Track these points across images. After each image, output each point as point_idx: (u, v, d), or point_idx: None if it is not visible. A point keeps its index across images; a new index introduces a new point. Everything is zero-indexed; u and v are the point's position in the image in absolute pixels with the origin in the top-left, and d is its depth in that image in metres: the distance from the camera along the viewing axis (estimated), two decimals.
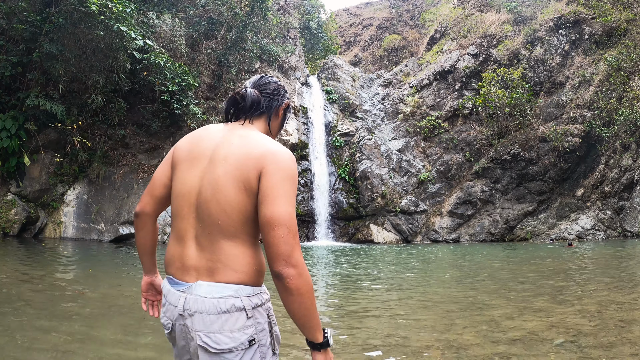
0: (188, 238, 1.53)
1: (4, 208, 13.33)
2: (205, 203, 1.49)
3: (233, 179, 1.47)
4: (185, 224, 1.54)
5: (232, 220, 1.47)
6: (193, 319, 1.46)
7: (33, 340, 3.84)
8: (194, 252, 1.51)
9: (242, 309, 1.45)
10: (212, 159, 1.53)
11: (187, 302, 1.48)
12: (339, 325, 4.83)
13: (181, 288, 1.52)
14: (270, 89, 1.72)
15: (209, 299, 1.45)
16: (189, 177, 1.56)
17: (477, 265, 11.50)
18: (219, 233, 1.48)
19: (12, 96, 13.87)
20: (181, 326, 1.51)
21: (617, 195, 19.73)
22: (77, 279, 7.56)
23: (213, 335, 1.43)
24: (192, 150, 1.60)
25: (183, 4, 19.30)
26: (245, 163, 1.47)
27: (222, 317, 1.43)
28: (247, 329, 1.45)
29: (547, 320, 4.89)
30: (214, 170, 1.50)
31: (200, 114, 16.93)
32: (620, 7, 22.20)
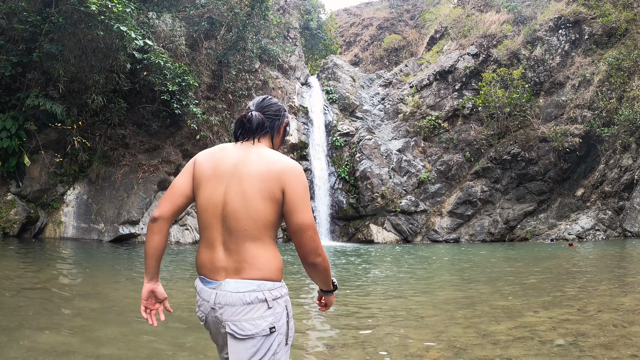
0: (217, 244, 1.81)
1: (4, 208, 13.33)
2: (233, 213, 1.76)
3: (259, 192, 1.75)
4: (214, 232, 1.82)
5: (257, 225, 1.75)
6: (222, 310, 1.74)
7: (32, 340, 3.84)
8: (222, 256, 1.79)
9: (263, 300, 1.71)
10: (235, 175, 1.80)
11: (217, 297, 1.76)
12: (339, 325, 4.83)
13: (212, 286, 1.80)
14: (272, 110, 1.98)
15: (235, 293, 1.72)
16: (215, 193, 1.82)
17: (477, 266, 11.50)
18: (245, 237, 1.75)
19: (12, 96, 13.86)
20: (213, 318, 1.80)
21: (617, 195, 19.73)
22: (77, 279, 7.56)
23: (239, 323, 1.70)
24: (216, 169, 1.85)
25: (183, 4, 19.29)
26: (268, 178, 1.76)
27: (247, 307, 1.70)
28: (268, 318, 1.71)
29: (547, 320, 4.89)
30: (240, 185, 1.77)
31: (200, 114, 16.93)
32: (620, 7, 22.19)
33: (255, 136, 1.90)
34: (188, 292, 6.62)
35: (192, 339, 4.12)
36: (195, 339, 4.15)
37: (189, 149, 18.23)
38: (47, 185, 14.54)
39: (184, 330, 4.47)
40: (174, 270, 9.46)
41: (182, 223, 17.05)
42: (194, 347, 3.91)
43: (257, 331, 1.69)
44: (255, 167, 1.79)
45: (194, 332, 4.38)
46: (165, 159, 17.06)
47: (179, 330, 4.46)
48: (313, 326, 4.74)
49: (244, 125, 1.92)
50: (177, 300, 6.04)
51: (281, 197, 1.76)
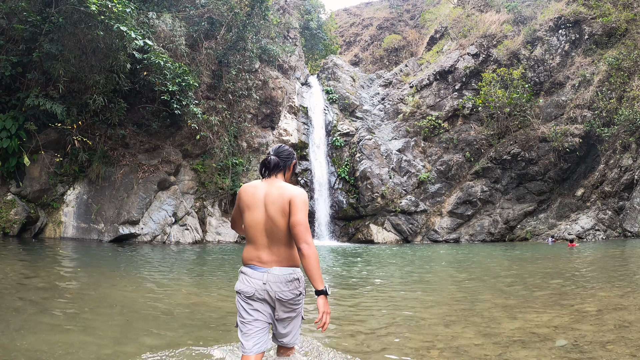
0: (262, 248, 2.91)
1: (4, 208, 13.32)
2: (271, 229, 2.87)
3: (279, 213, 2.84)
4: (260, 240, 2.92)
5: (284, 235, 2.86)
6: (271, 285, 2.85)
7: (32, 340, 3.84)
8: (267, 254, 2.90)
9: (297, 279, 2.91)
10: (265, 203, 2.89)
11: (267, 278, 2.86)
12: (339, 325, 4.83)
13: (262, 270, 2.89)
14: (285, 154, 3.09)
15: (280, 275, 2.87)
16: (255, 216, 2.92)
17: (477, 265, 11.50)
18: (279, 242, 2.88)
19: (12, 96, 13.85)
20: (262, 290, 2.86)
21: (617, 195, 19.72)
22: (77, 279, 7.56)
23: (283, 293, 2.86)
24: (253, 200, 2.94)
25: (183, 4, 19.29)
26: (282, 201, 2.84)
27: (288, 284, 2.87)
28: (299, 288, 2.91)
29: (547, 320, 4.89)
30: (269, 210, 2.87)
31: (200, 114, 16.93)
32: (620, 7, 22.18)
33: (273, 173, 3.01)
34: (189, 294, 6.61)
35: (190, 337, 4.13)
36: (196, 338, 4.15)
37: (189, 149, 18.22)
38: (47, 185, 14.53)
39: (181, 330, 4.48)
40: (180, 271, 9.45)
41: (182, 223, 17.04)
42: (194, 344, 3.91)
43: (293, 296, 2.90)
44: (275, 196, 2.87)
45: (192, 332, 4.38)
46: (165, 159, 17.06)
47: (175, 330, 4.46)
48: (313, 326, 4.75)
49: (266, 165, 3.03)
50: (177, 300, 6.04)
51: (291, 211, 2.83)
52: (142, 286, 7.07)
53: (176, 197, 17.02)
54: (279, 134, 22.55)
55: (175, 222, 16.73)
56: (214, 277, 8.75)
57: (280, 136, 22.52)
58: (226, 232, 19.16)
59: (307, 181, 22.58)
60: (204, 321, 4.89)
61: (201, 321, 4.89)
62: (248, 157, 20.82)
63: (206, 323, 4.81)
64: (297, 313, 2.99)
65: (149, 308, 5.43)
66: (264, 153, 21.63)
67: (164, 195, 16.69)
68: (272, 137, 22.33)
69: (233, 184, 19.54)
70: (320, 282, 2.78)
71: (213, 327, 4.64)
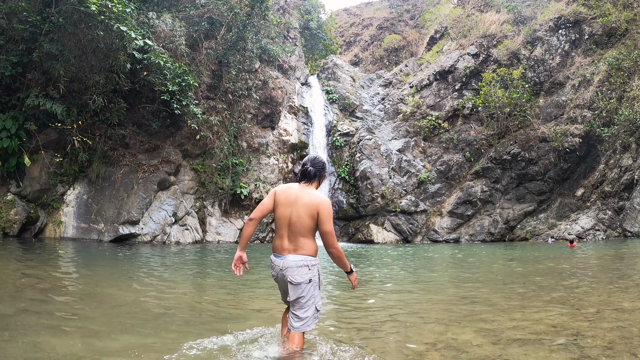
0: (284, 238, 3.48)
1: (4, 208, 13.32)
2: (294, 223, 3.44)
3: (306, 215, 3.41)
4: (283, 231, 3.49)
5: (305, 229, 3.42)
6: (286, 270, 3.41)
7: (32, 341, 3.84)
8: (287, 243, 3.47)
9: (306, 265, 3.41)
10: (296, 203, 3.45)
11: (284, 264, 3.43)
12: (339, 325, 4.83)
13: (281, 258, 3.47)
14: (319, 166, 3.62)
15: (292, 261, 3.41)
16: (284, 212, 3.49)
17: (477, 265, 11.50)
18: (299, 234, 3.43)
19: (12, 96, 13.85)
20: (281, 274, 3.46)
21: (617, 195, 19.72)
22: (77, 279, 7.56)
23: (293, 277, 3.39)
24: (286, 198, 3.51)
25: (183, 4, 19.29)
26: (310, 206, 3.41)
27: (298, 269, 3.39)
28: (308, 274, 3.41)
29: (547, 320, 4.89)
30: (297, 210, 3.43)
31: (200, 114, 16.92)
32: (620, 7, 22.18)
33: (308, 181, 3.58)
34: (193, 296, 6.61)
35: (187, 337, 4.13)
36: (196, 335, 4.15)
37: (189, 149, 18.22)
38: (47, 185, 14.53)
39: (178, 330, 4.48)
40: (176, 273, 9.45)
41: (182, 223, 17.05)
42: (195, 344, 3.92)
43: (302, 280, 3.41)
44: (305, 200, 3.45)
45: (189, 333, 4.38)
46: (165, 159, 17.06)
47: (171, 331, 4.46)
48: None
49: (305, 175, 3.58)
50: (177, 300, 6.04)
51: (316, 216, 3.41)
52: (142, 287, 7.07)
53: (176, 197, 17.02)
54: (279, 134, 22.56)
55: (175, 222, 16.73)
56: (213, 278, 8.76)
57: (280, 136, 22.52)
58: (226, 232, 19.17)
59: None
60: (203, 322, 4.90)
61: (202, 321, 4.90)
62: (248, 157, 20.82)
63: (207, 323, 4.82)
64: (306, 299, 3.42)
65: (149, 308, 5.43)
66: (264, 153, 21.65)
67: (164, 195, 16.69)
68: (272, 137, 22.33)
69: (233, 184, 19.54)
70: (347, 267, 3.60)
71: (213, 327, 4.64)
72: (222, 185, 18.95)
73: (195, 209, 18.34)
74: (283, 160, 22.32)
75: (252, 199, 20.41)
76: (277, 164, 22.01)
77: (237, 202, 20.03)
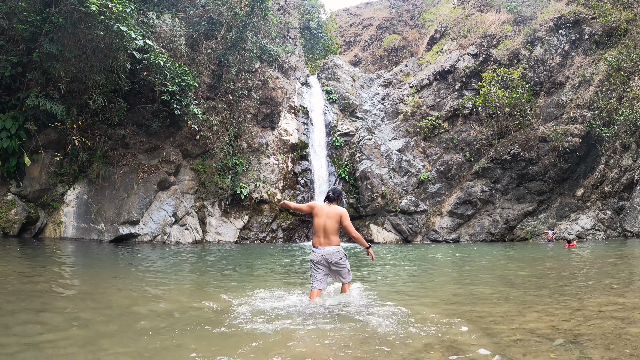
0: (321, 237, 5.88)
1: (4, 208, 13.33)
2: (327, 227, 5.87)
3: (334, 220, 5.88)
4: (320, 233, 5.90)
5: (333, 230, 5.86)
6: (326, 255, 5.82)
7: (32, 342, 3.84)
8: (323, 240, 5.87)
9: (338, 252, 5.88)
10: (327, 215, 5.89)
11: (324, 252, 5.83)
12: (338, 325, 4.83)
13: (320, 249, 5.86)
14: (337, 193, 6.11)
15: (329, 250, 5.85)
16: (320, 221, 5.90)
17: (477, 265, 11.51)
18: (330, 234, 5.85)
19: (12, 96, 13.85)
20: (322, 258, 5.83)
21: (617, 195, 19.72)
22: (76, 279, 7.56)
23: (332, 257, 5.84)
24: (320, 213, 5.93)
25: (183, 4, 19.29)
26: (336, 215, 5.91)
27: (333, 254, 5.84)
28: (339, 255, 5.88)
29: (547, 320, 4.89)
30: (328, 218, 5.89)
31: (200, 114, 16.93)
32: (620, 7, 22.19)
33: (332, 201, 6.02)
34: (191, 298, 6.61)
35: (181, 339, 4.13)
36: (195, 336, 4.15)
37: (189, 149, 18.23)
38: (47, 185, 14.54)
39: (172, 329, 4.48)
40: (173, 275, 9.45)
41: (182, 223, 17.05)
42: (196, 343, 3.92)
43: (338, 259, 5.84)
44: (332, 213, 5.87)
45: (185, 332, 4.38)
46: (165, 159, 17.06)
47: (167, 331, 4.47)
48: (312, 327, 4.75)
49: (329, 198, 6.03)
50: (175, 305, 6.04)
51: (340, 220, 5.86)
52: (142, 287, 7.07)
53: (176, 197, 17.02)
54: (279, 134, 22.56)
55: (175, 222, 16.74)
56: (213, 279, 8.76)
57: (280, 136, 22.53)
58: (226, 232, 19.17)
59: (307, 181, 22.58)
60: (202, 323, 4.90)
61: (202, 322, 4.90)
62: (248, 157, 20.83)
63: (206, 323, 4.82)
64: (343, 267, 5.92)
65: (148, 309, 5.43)
66: (264, 153, 21.66)
67: (164, 195, 16.70)
68: (272, 137, 22.34)
69: (233, 184, 19.55)
70: (365, 245, 6.11)
71: (213, 326, 4.64)
72: (222, 185, 18.96)
73: (195, 209, 18.34)
74: (283, 160, 22.32)
75: (252, 199, 20.41)
76: (277, 164, 22.01)
77: (237, 202, 20.03)
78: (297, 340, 4.17)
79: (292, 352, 3.80)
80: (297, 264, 11.54)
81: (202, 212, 18.63)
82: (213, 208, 19.14)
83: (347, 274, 5.99)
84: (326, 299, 5.94)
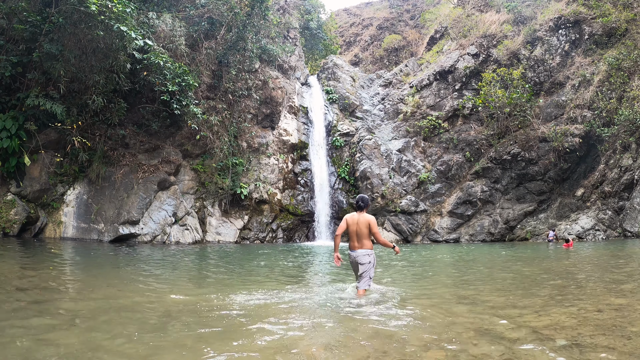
0: (355, 241, 6.63)
1: (4, 208, 13.33)
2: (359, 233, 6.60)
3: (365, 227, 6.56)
4: (354, 237, 6.64)
5: (365, 235, 6.57)
6: (357, 257, 6.55)
7: (31, 342, 3.84)
8: (356, 243, 6.61)
9: (368, 254, 6.55)
10: (358, 223, 6.59)
11: (356, 254, 6.57)
12: (339, 326, 4.83)
13: (354, 252, 6.63)
14: (365, 201, 6.75)
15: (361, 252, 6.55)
16: (353, 227, 6.62)
17: (477, 265, 11.50)
18: (362, 238, 6.58)
19: (12, 96, 13.85)
20: (355, 260, 6.59)
21: (617, 195, 19.72)
22: (76, 280, 7.56)
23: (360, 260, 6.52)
24: (352, 220, 6.65)
25: (183, 4, 19.29)
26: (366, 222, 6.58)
27: (364, 256, 6.52)
28: (369, 258, 6.54)
29: (547, 320, 4.89)
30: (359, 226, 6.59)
31: (200, 114, 16.93)
32: (620, 7, 22.19)
33: (361, 209, 6.72)
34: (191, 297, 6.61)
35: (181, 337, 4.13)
36: (195, 336, 4.15)
37: (189, 149, 18.23)
38: (47, 185, 14.54)
39: (172, 329, 4.48)
40: (173, 273, 9.45)
41: (182, 223, 17.05)
42: (195, 344, 3.92)
43: (366, 262, 6.48)
44: (363, 220, 6.57)
45: (191, 333, 4.38)
46: (165, 159, 17.06)
47: (168, 331, 4.46)
48: (312, 327, 4.75)
49: (358, 207, 6.73)
50: (177, 300, 6.04)
51: (369, 226, 6.53)
52: (142, 287, 7.07)
53: (176, 197, 17.02)
54: (279, 134, 22.56)
55: (175, 222, 16.74)
56: (212, 279, 8.76)
57: (280, 136, 22.53)
58: (226, 232, 19.17)
59: (307, 181, 22.58)
60: (202, 323, 4.90)
61: (201, 322, 4.90)
62: (248, 157, 20.82)
63: (205, 323, 4.82)
64: (366, 271, 6.47)
65: (148, 309, 5.43)
66: (264, 153, 21.66)
67: (164, 195, 16.70)
68: (272, 137, 22.33)
69: (233, 184, 19.54)
70: (390, 246, 6.71)
71: (213, 326, 4.64)
72: (222, 185, 18.96)
73: (195, 209, 18.34)
74: (283, 160, 22.32)
75: (252, 199, 20.41)
76: (277, 164, 22.01)
77: (237, 202, 20.03)
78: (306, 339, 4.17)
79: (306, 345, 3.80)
80: (298, 265, 11.53)
81: (202, 212, 18.63)
82: (213, 208, 19.14)
83: (366, 280, 6.46)
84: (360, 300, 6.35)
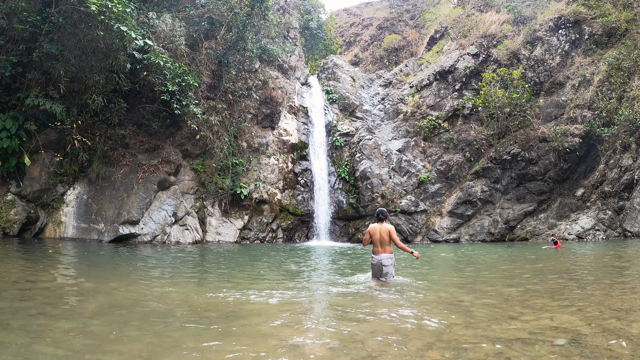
0: (378, 247, 7.88)
1: (4, 208, 13.33)
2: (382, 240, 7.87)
3: (386, 234, 7.84)
4: (377, 243, 7.89)
5: (386, 242, 7.85)
6: (381, 260, 7.82)
7: (32, 342, 3.84)
8: (380, 249, 7.88)
9: (390, 258, 7.88)
10: (380, 232, 7.87)
11: (380, 258, 7.84)
12: (339, 326, 4.83)
13: (377, 256, 7.90)
14: (384, 214, 8.04)
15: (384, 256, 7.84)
16: (376, 235, 7.88)
17: (477, 266, 11.50)
18: (384, 244, 7.86)
19: (12, 96, 13.85)
20: (379, 263, 7.86)
21: (617, 195, 19.72)
22: (76, 280, 7.56)
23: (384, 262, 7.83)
24: (374, 230, 7.92)
25: (183, 4, 19.29)
26: (387, 231, 7.86)
27: (387, 259, 7.84)
28: (391, 261, 7.87)
29: (547, 320, 4.89)
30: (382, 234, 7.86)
31: (200, 114, 16.92)
32: (620, 7, 22.18)
33: (381, 220, 7.97)
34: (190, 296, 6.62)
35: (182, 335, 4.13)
36: (195, 335, 4.16)
37: (189, 149, 18.23)
38: (47, 185, 14.54)
39: (172, 329, 4.48)
40: (174, 271, 9.45)
41: (182, 223, 17.05)
42: (194, 346, 3.92)
43: (389, 264, 7.82)
44: (384, 229, 7.84)
45: (192, 333, 4.38)
46: (165, 159, 17.06)
47: (168, 330, 4.46)
48: (313, 326, 4.75)
49: (379, 218, 7.99)
50: (177, 301, 6.04)
51: (389, 234, 7.80)
52: (142, 287, 7.07)
53: (176, 197, 17.02)
54: (279, 134, 22.56)
55: (175, 222, 16.74)
56: (213, 278, 8.76)
57: (280, 136, 22.53)
58: (226, 232, 19.17)
59: (307, 181, 22.58)
60: (203, 323, 4.90)
61: (201, 322, 4.90)
62: (248, 157, 20.82)
63: (206, 323, 4.82)
64: (389, 271, 7.68)
65: (148, 309, 5.43)
66: (264, 153, 21.67)
67: (164, 195, 16.70)
68: (272, 137, 22.33)
69: (233, 184, 19.54)
70: (408, 251, 7.74)
71: (214, 326, 4.64)
72: (222, 185, 18.96)
73: (195, 209, 18.34)
74: (283, 160, 22.32)
75: (252, 199, 20.41)
76: (277, 164, 22.01)
77: (237, 202, 20.03)
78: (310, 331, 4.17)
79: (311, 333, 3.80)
80: (297, 264, 11.53)
81: (202, 212, 18.63)
82: (213, 208, 19.13)
83: (390, 276, 7.86)
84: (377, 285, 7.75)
